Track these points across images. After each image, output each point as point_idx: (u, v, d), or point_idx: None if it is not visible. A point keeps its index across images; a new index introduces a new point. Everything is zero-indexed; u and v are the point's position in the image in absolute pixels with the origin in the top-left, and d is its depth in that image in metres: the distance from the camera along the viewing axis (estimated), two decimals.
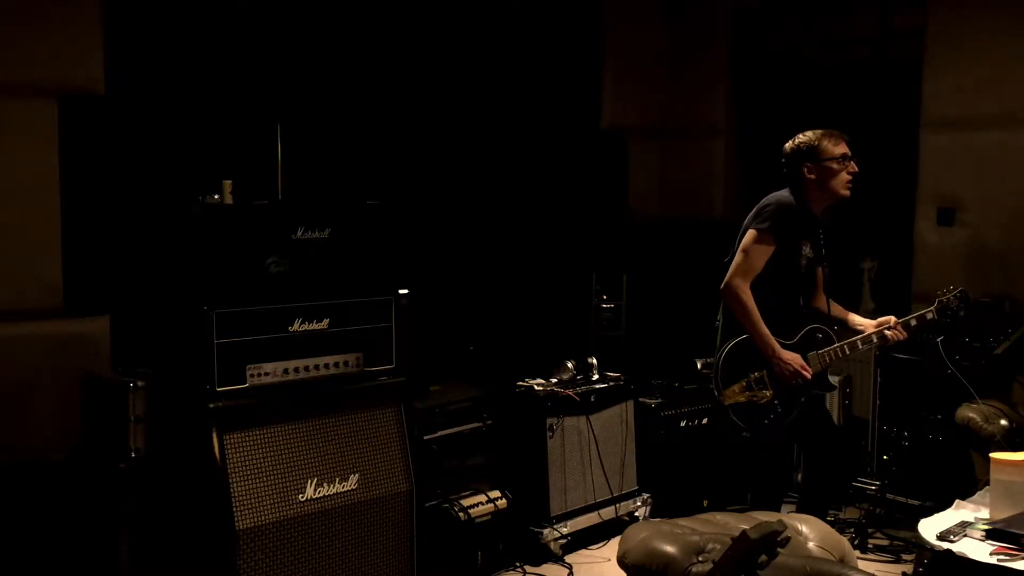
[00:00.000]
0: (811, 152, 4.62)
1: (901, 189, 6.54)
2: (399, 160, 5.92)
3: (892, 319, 4.66)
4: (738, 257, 4.61)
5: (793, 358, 4.55)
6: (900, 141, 6.56)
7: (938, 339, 5.39)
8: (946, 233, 6.27)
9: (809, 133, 4.67)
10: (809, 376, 4.57)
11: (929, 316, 4.65)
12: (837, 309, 4.85)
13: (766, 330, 4.54)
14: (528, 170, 6.69)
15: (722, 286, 4.62)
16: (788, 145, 4.71)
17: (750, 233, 4.60)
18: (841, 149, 4.62)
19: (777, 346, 4.55)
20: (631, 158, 7.45)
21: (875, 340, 4.66)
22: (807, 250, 4.66)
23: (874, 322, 4.72)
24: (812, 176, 4.63)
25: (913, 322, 4.65)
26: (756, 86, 7.46)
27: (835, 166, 4.60)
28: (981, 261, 6.00)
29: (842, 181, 4.63)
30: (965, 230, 6.21)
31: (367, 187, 5.39)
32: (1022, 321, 5.66)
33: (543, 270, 6.68)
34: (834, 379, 4.98)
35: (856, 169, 4.65)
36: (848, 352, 4.65)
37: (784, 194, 4.67)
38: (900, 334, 4.64)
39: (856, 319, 4.82)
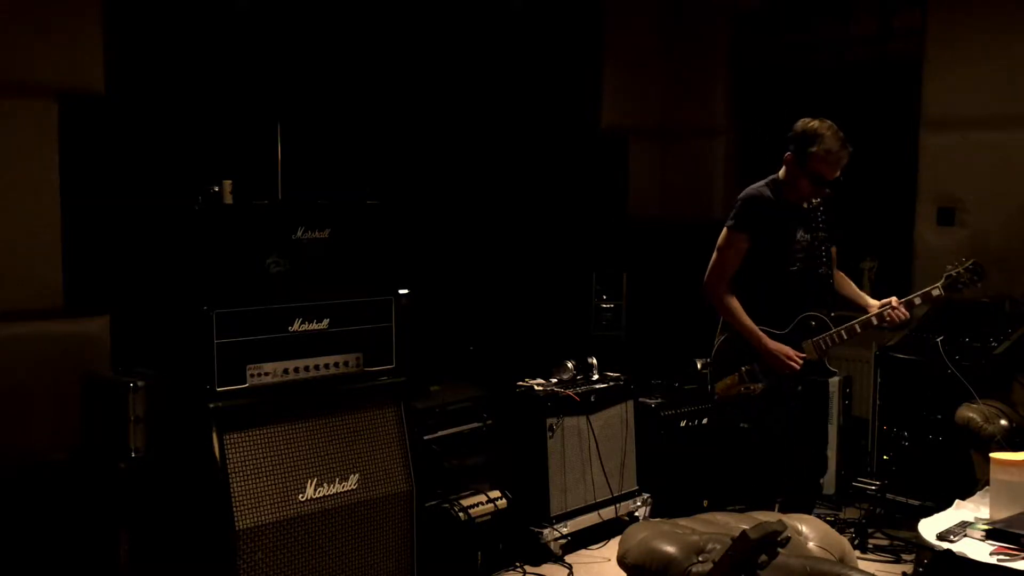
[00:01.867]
0: (803, 156, 4.47)
1: (901, 189, 6.55)
2: (399, 160, 5.92)
3: (894, 300, 4.57)
4: (713, 257, 4.65)
5: (779, 348, 4.53)
6: (900, 141, 6.57)
7: (938, 339, 5.41)
8: (946, 233, 6.28)
9: (826, 132, 4.43)
10: (798, 365, 4.54)
11: (935, 292, 4.53)
12: (847, 289, 4.79)
13: (750, 323, 4.55)
14: (528, 170, 6.69)
15: (702, 287, 4.67)
16: (799, 125, 4.52)
17: (723, 232, 4.64)
18: (831, 174, 4.47)
19: (764, 337, 4.54)
20: (631, 158, 7.45)
21: (874, 322, 4.57)
22: (801, 234, 4.59)
23: (878, 303, 4.65)
24: (788, 173, 4.56)
25: (917, 300, 4.55)
26: (756, 86, 7.47)
27: (806, 183, 4.49)
28: (981, 261, 5.92)
29: (802, 194, 4.55)
30: (965, 230, 6.22)
31: (367, 187, 5.38)
32: (1022, 321, 5.67)
33: (543, 270, 6.68)
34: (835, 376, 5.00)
35: (827, 194, 4.56)
36: (846, 337, 4.57)
37: (758, 185, 4.64)
38: (900, 314, 4.52)
39: (865, 299, 4.74)
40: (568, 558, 5.31)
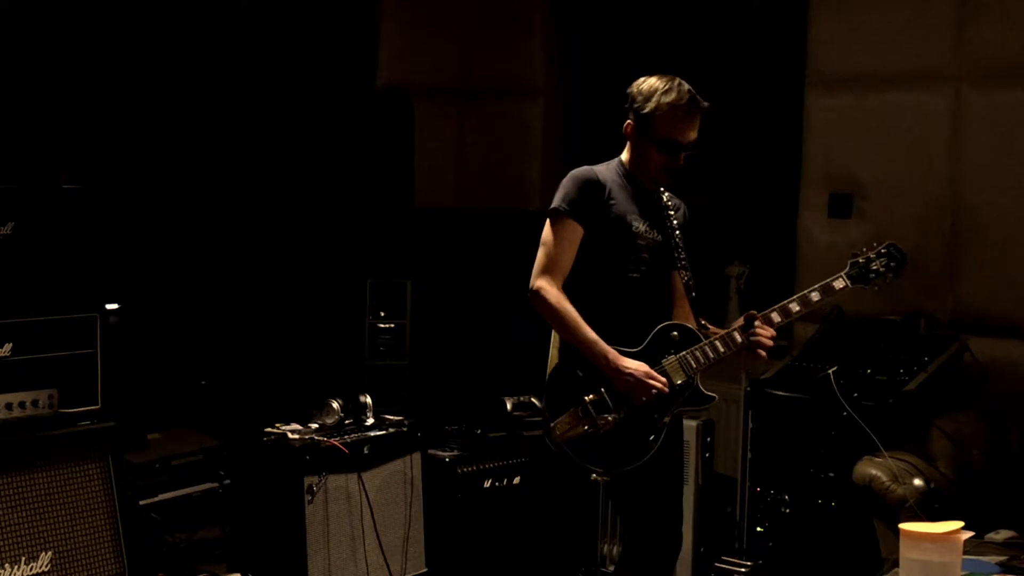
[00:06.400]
0: (643, 120, 4.68)
1: (782, 168, 6.70)
2: (109, 130, 5.97)
3: (754, 316, 4.62)
4: (538, 252, 4.75)
5: (636, 366, 4.56)
6: (780, 105, 6.78)
7: (830, 370, 5.49)
8: (840, 228, 6.47)
9: (663, 85, 4.67)
10: (663, 386, 4.58)
11: (839, 284, 4.60)
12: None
13: (592, 335, 4.62)
14: (283, 146, 6.81)
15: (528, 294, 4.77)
16: (632, 87, 4.75)
17: (547, 220, 4.76)
18: (683, 134, 4.68)
19: (611, 352, 4.60)
20: (418, 128, 7.48)
21: (738, 339, 4.58)
22: (643, 227, 4.77)
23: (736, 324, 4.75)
24: (632, 149, 4.79)
25: (795, 307, 4.61)
26: (588, 34, 7.64)
27: (654, 152, 4.71)
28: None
29: (655, 167, 4.76)
30: (866, 224, 6.38)
31: (64, 166, 5.45)
32: (942, 346, 5.83)
33: (301, 279, 6.76)
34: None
35: (681, 165, 4.73)
36: (721, 351, 4.59)
37: (593, 166, 4.82)
38: (763, 337, 4.59)
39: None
40: None
